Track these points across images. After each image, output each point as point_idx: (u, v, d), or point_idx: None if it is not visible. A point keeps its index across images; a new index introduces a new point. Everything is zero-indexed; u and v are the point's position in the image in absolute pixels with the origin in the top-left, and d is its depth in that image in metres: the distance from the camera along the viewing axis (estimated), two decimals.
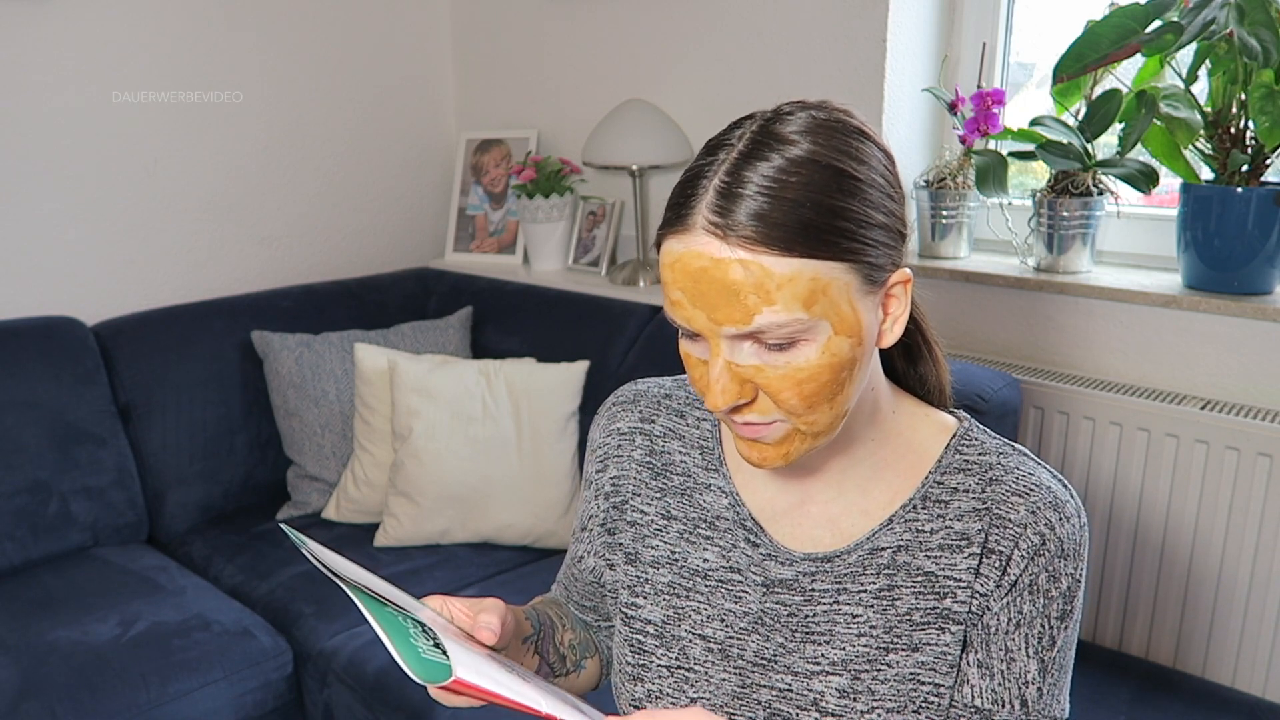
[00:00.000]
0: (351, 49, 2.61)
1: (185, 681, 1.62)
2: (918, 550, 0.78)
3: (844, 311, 0.69)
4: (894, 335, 0.75)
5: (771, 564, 0.81)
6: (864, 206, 0.68)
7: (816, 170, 0.67)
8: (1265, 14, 1.58)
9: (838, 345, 0.69)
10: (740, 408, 0.72)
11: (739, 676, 0.81)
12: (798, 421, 0.71)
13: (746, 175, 0.67)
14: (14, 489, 1.94)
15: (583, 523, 0.94)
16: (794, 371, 0.69)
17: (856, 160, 0.69)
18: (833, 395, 0.71)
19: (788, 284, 0.66)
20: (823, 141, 0.69)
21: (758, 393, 0.71)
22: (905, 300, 0.74)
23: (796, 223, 0.66)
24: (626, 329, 2.14)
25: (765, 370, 0.69)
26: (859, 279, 0.69)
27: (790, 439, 0.73)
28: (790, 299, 0.66)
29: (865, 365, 0.73)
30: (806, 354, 0.69)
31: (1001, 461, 0.79)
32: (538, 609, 0.95)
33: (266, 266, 2.54)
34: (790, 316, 0.67)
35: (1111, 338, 1.92)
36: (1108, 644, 1.95)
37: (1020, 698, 0.77)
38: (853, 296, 0.69)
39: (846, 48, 2.05)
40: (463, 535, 2.02)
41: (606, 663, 1.01)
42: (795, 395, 0.70)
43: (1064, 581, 0.77)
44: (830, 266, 0.67)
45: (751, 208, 0.66)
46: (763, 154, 0.68)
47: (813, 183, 0.67)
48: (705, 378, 0.72)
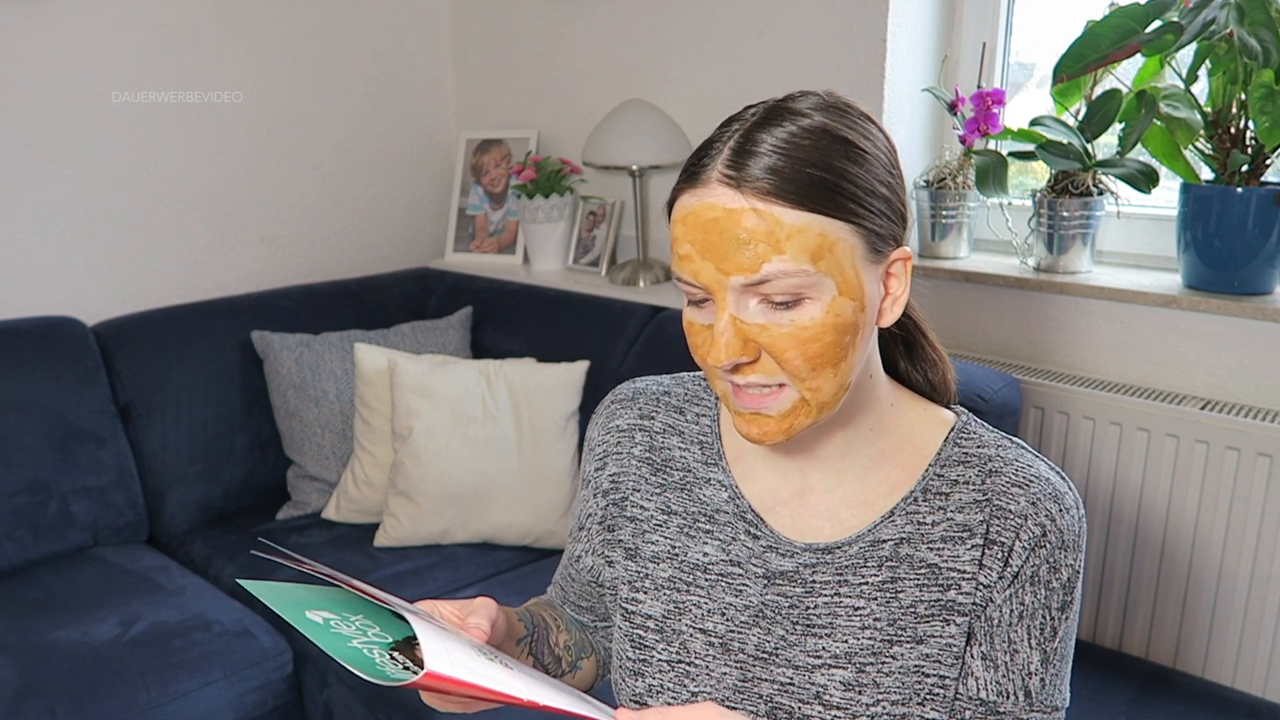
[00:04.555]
0: (351, 49, 2.61)
1: (185, 681, 1.62)
2: (920, 542, 0.79)
3: (848, 274, 0.71)
4: (894, 315, 0.77)
5: (772, 556, 0.82)
6: (869, 176, 0.72)
7: (826, 137, 0.71)
8: (1265, 14, 1.58)
9: (841, 306, 0.71)
10: (742, 367, 0.72)
11: (740, 670, 0.82)
12: (802, 388, 0.72)
13: (761, 137, 0.70)
14: (14, 489, 1.94)
15: (580, 522, 0.95)
16: (798, 330, 0.70)
17: (863, 136, 0.73)
18: (836, 360, 0.72)
19: (797, 235, 0.69)
20: (833, 116, 0.73)
21: (760, 353, 0.72)
22: (905, 280, 0.77)
23: (807, 179, 0.69)
24: (626, 329, 2.14)
25: (770, 329, 0.71)
26: (863, 245, 0.72)
27: (795, 412, 0.73)
28: (798, 250, 0.69)
29: (867, 338, 0.75)
30: (811, 312, 0.70)
31: (1000, 454, 0.80)
32: (531, 611, 0.95)
33: (266, 266, 2.54)
34: (797, 267, 0.69)
35: (1111, 338, 1.92)
36: (1108, 644, 1.95)
37: (1024, 689, 0.78)
38: (857, 262, 0.72)
39: (846, 48, 2.05)
40: (463, 535, 2.02)
41: (603, 664, 1.01)
42: (800, 355, 0.71)
43: (1064, 572, 0.78)
44: (837, 226, 0.70)
45: (765, 163, 0.69)
46: (777, 121, 0.71)
47: (822, 147, 0.70)
48: (708, 340, 0.73)
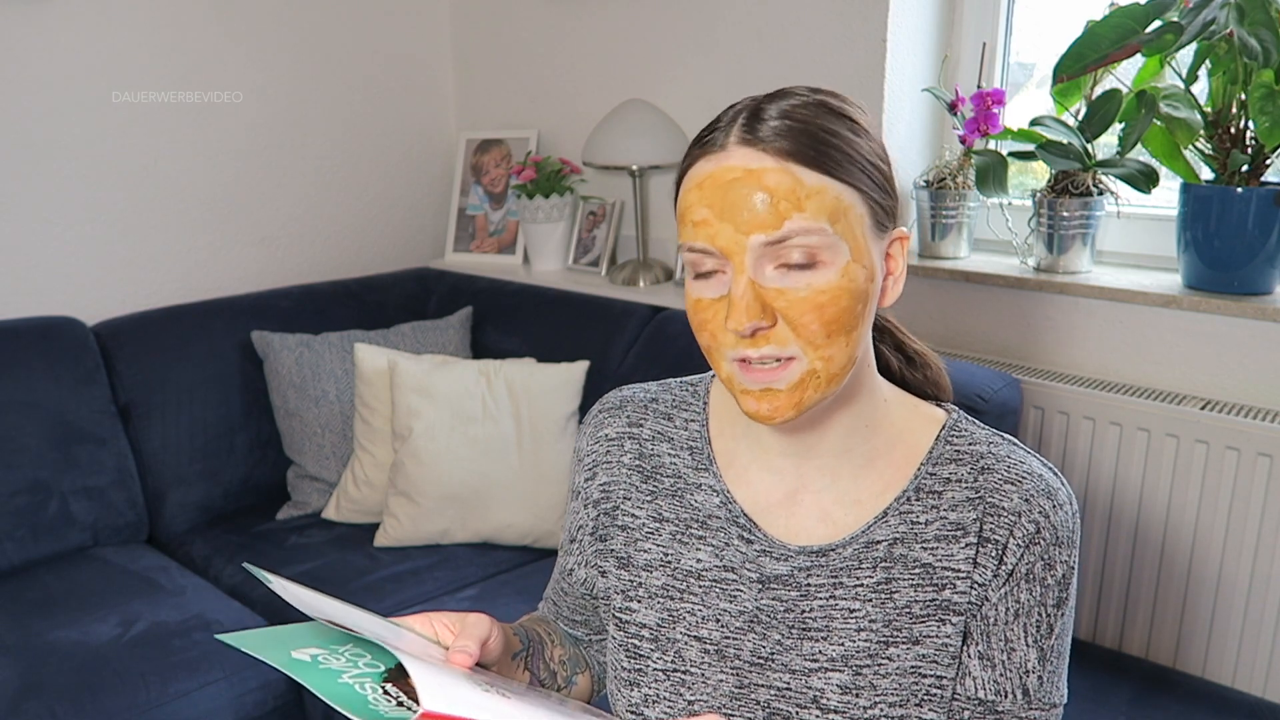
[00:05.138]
0: (351, 49, 2.61)
1: (185, 681, 1.62)
2: (914, 542, 0.78)
3: (860, 241, 0.73)
4: (894, 295, 0.78)
5: (766, 560, 0.81)
6: (868, 148, 0.74)
7: (826, 110, 0.74)
8: (1265, 14, 1.58)
9: (854, 272, 0.72)
10: (758, 335, 0.72)
11: (736, 676, 0.81)
12: (814, 356, 0.72)
13: (768, 107, 0.73)
14: (14, 489, 1.94)
15: (571, 534, 0.94)
16: (815, 294, 0.71)
17: (859, 111, 0.77)
18: (850, 328, 0.73)
19: (816, 195, 0.71)
20: (828, 97, 0.76)
21: (776, 320, 0.72)
22: (903, 261, 0.79)
23: (822, 141, 0.72)
24: (626, 329, 2.14)
25: (787, 293, 0.71)
26: (869, 216, 0.74)
27: (804, 384, 0.73)
28: (818, 209, 0.71)
29: (872, 311, 0.76)
30: (827, 276, 0.71)
31: (992, 450, 0.80)
32: (525, 626, 0.94)
33: (266, 266, 2.54)
34: (817, 224, 0.70)
35: (1111, 338, 1.92)
36: (1108, 644, 1.94)
37: (1022, 687, 0.78)
38: (865, 232, 0.74)
39: (846, 48, 2.05)
40: (463, 535, 2.02)
41: (597, 678, 1.00)
42: (816, 319, 0.71)
43: (1059, 569, 0.78)
44: (850, 192, 0.72)
45: (778, 126, 0.72)
46: (779, 98, 0.75)
47: (825, 117, 0.73)
48: (721, 312, 0.73)
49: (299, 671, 0.64)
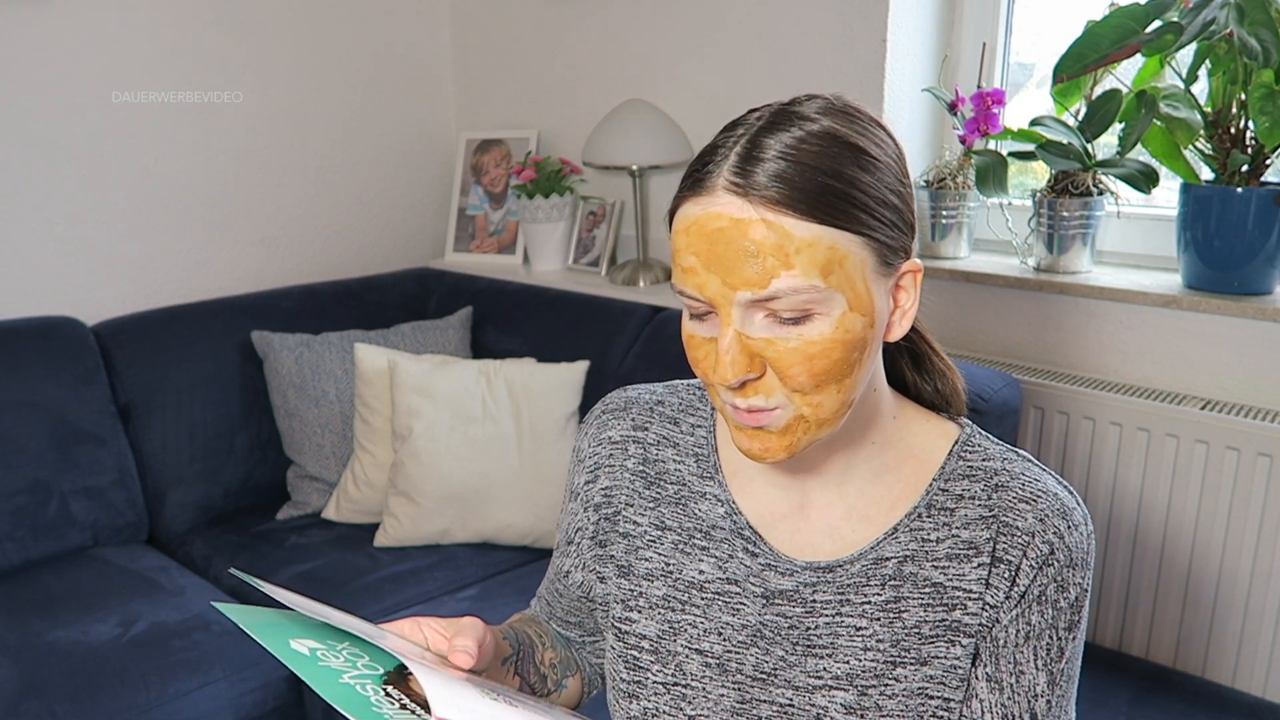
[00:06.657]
0: (351, 49, 2.61)
1: (185, 681, 1.62)
2: (924, 560, 0.76)
3: (859, 288, 0.68)
4: (902, 329, 0.74)
5: (771, 574, 0.79)
6: (880, 185, 0.69)
7: (835, 143, 0.68)
8: (1265, 14, 1.58)
9: (851, 322, 0.68)
10: (745, 386, 0.70)
11: (738, 692, 0.79)
12: (802, 404, 0.69)
13: (767, 142, 0.67)
14: (14, 489, 1.94)
15: (568, 536, 0.91)
16: (805, 345, 0.68)
17: (873, 143, 0.70)
18: (841, 377, 0.69)
19: (807, 249, 0.66)
20: (841, 122, 0.70)
21: (765, 369, 0.69)
22: (915, 293, 0.74)
23: (817, 187, 0.66)
24: (626, 329, 2.14)
25: (776, 344, 0.68)
26: (873, 258, 0.69)
27: (794, 427, 0.70)
28: (809, 265, 0.66)
29: (874, 354, 0.72)
30: (820, 328, 0.68)
31: (1007, 467, 0.77)
32: (515, 628, 0.91)
33: (266, 266, 2.54)
34: (807, 283, 0.66)
35: (1111, 338, 1.92)
36: (1108, 644, 1.95)
37: (1030, 711, 0.76)
38: (867, 275, 0.69)
39: (846, 48, 2.05)
40: (463, 535, 2.02)
41: (588, 680, 0.98)
42: (805, 371, 0.68)
43: (1072, 591, 0.75)
44: (847, 239, 0.67)
45: (773, 169, 0.66)
46: (783, 126, 0.68)
47: (831, 154, 0.67)
48: (711, 355, 0.70)
49: (298, 664, 0.63)
